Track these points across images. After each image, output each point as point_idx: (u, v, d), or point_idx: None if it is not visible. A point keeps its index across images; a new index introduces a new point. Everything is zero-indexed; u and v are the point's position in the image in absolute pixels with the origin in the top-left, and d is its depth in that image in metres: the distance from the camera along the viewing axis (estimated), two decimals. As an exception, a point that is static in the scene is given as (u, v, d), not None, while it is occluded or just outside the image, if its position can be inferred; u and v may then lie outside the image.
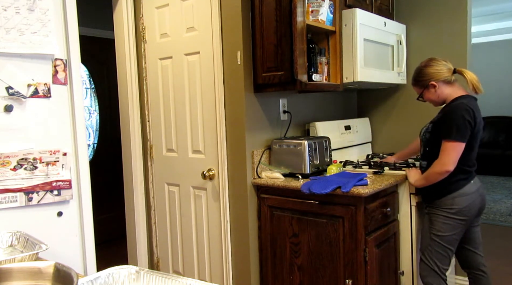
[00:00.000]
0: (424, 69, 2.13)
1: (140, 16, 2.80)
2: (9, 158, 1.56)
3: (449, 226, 2.05)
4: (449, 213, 2.04)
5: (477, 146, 2.05)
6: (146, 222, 2.94)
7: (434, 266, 2.08)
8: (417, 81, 2.16)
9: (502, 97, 7.80)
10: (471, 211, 2.06)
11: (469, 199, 2.04)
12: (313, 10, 2.32)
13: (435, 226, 2.08)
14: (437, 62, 2.11)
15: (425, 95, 2.16)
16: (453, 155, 1.96)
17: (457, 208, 2.03)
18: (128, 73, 2.84)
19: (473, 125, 1.96)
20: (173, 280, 1.00)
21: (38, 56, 1.62)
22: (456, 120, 1.95)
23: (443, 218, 2.05)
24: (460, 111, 1.96)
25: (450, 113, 2.00)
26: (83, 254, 1.78)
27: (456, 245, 2.10)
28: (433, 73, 2.09)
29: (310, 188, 2.07)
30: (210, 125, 2.49)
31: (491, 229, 4.43)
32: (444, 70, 2.09)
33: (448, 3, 2.84)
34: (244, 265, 2.42)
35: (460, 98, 2.05)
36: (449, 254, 2.09)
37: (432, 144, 2.08)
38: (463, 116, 1.94)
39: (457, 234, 2.06)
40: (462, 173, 2.04)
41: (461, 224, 2.05)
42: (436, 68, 2.09)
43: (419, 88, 2.17)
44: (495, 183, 6.75)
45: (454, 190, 2.04)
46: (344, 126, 2.92)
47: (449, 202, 2.04)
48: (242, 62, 2.29)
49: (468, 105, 1.98)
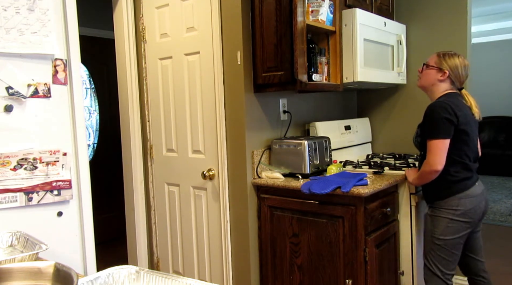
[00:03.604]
0: (457, 59, 2.08)
1: (140, 16, 2.80)
2: (9, 158, 1.56)
3: (453, 229, 1.99)
4: (454, 214, 1.99)
5: (471, 139, 2.01)
6: (146, 222, 2.94)
7: (437, 271, 2.02)
8: (440, 59, 2.10)
9: (502, 97, 7.80)
10: (476, 213, 2.02)
11: (474, 201, 2.00)
12: (313, 10, 2.32)
13: (438, 229, 2.02)
14: (467, 68, 2.10)
15: (428, 70, 2.12)
16: (437, 153, 1.94)
17: (462, 210, 1.98)
18: (128, 73, 2.84)
19: (454, 120, 1.93)
20: (173, 280, 1.00)
21: (38, 56, 1.62)
22: (433, 119, 1.96)
23: (447, 221, 1.99)
24: (435, 109, 1.96)
25: (428, 113, 2.01)
26: (83, 254, 1.78)
27: (460, 248, 2.04)
28: (455, 69, 2.07)
29: (310, 188, 2.07)
30: (210, 125, 2.49)
31: (491, 229, 4.43)
32: (461, 77, 2.08)
33: (448, 3, 2.84)
34: (244, 265, 2.42)
35: (440, 97, 2.06)
36: (453, 258, 2.02)
37: (425, 147, 2.05)
38: (439, 114, 1.94)
39: (461, 237, 2.01)
40: (465, 169, 2.00)
41: (465, 227, 2.00)
42: (461, 70, 2.07)
43: (434, 63, 2.11)
44: (495, 183, 6.75)
45: (460, 190, 2.00)
46: (344, 126, 2.92)
47: (454, 203, 1.99)
48: (242, 62, 2.29)
49: (445, 102, 1.97)
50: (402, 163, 2.62)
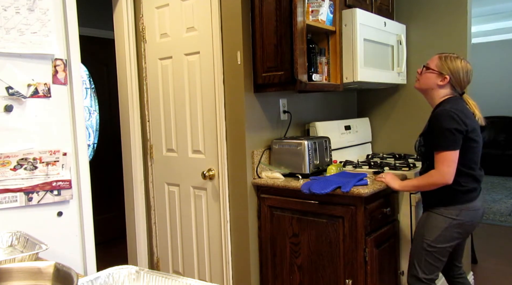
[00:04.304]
0: (459, 63, 1.97)
1: (140, 16, 2.80)
2: (9, 158, 1.56)
3: (445, 238, 1.94)
4: (450, 224, 1.92)
5: (479, 146, 1.95)
6: (146, 222, 2.94)
7: (422, 275, 1.98)
8: (442, 62, 1.99)
9: (501, 97, 7.81)
10: (472, 226, 1.99)
11: (474, 215, 1.95)
12: (313, 10, 2.32)
13: (431, 235, 1.95)
14: (469, 73, 2.00)
15: (428, 73, 2.01)
16: (450, 164, 1.86)
17: (460, 221, 1.92)
18: (128, 73, 2.84)
19: (463, 130, 1.85)
20: (173, 280, 1.00)
21: (38, 56, 1.62)
22: (442, 129, 1.86)
23: (443, 229, 1.93)
24: (443, 119, 1.86)
25: (434, 123, 1.91)
26: (83, 254, 1.78)
27: (447, 255, 1.99)
28: (456, 74, 1.96)
29: (310, 188, 2.07)
30: (210, 125, 2.49)
31: (491, 229, 4.43)
32: (463, 82, 1.98)
33: (448, 3, 2.84)
34: (244, 265, 2.42)
35: (443, 103, 1.96)
36: (440, 265, 1.99)
37: (430, 157, 1.98)
38: (448, 124, 1.84)
39: (451, 247, 1.98)
40: (474, 180, 1.95)
41: (458, 237, 1.97)
42: (463, 76, 1.97)
43: (435, 66, 1.99)
44: (495, 183, 6.75)
45: (464, 201, 1.93)
46: (344, 126, 2.92)
47: (455, 213, 1.92)
48: (242, 62, 2.29)
49: (452, 111, 1.86)
50: (402, 163, 2.62)
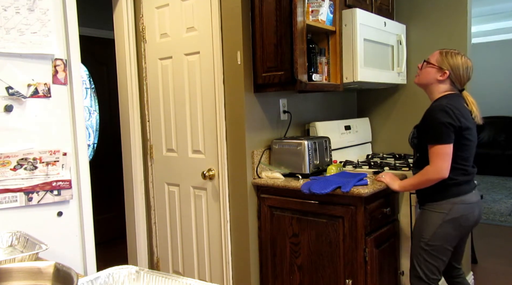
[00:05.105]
0: (459, 59, 1.96)
1: (140, 16, 2.80)
2: (9, 158, 1.56)
3: (441, 235, 1.91)
4: (444, 219, 1.90)
5: (472, 145, 1.94)
6: (146, 222, 2.94)
7: (423, 275, 1.96)
8: (442, 57, 1.98)
9: (501, 97, 7.81)
10: (468, 221, 1.93)
11: (468, 208, 1.91)
12: (313, 10, 2.32)
13: (427, 233, 1.93)
14: (469, 69, 1.99)
15: (428, 68, 2.02)
16: (444, 158, 1.85)
17: (454, 215, 1.90)
18: (128, 73, 2.84)
19: (456, 126, 1.84)
20: (173, 280, 1.00)
21: (38, 56, 1.62)
22: (435, 123, 1.86)
23: (437, 226, 1.91)
24: (437, 113, 1.87)
25: (428, 116, 1.91)
26: (83, 254, 1.78)
27: (449, 255, 1.96)
28: (456, 69, 1.96)
29: (310, 188, 2.07)
30: (210, 125, 2.49)
31: (491, 229, 4.43)
32: (462, 78, 1.97)
33: (448, 3, 2.84)
34: (244, 265, 2.42)
35: (441, 98, 1.96)
36: (441, 264, 1.95)
37: (422, 149, 1.98)
38: (440, 119, 1.84)
39: (451, 246, 1.94)
40: (463, 174, 1.93)
41: (455, 234, 1.93)
42: (463, 71, 1.96)
43: (435, 60, 1.99)
44: (495, 183, 6.75)
45: (456, 194, 1.91)
46: (344, 126, 2.92)
47: (447, 207, 1.90)
48: (242, 62, 2.29)
49: (447, 106, 1.86)
50: (402, 163, 2.62)
